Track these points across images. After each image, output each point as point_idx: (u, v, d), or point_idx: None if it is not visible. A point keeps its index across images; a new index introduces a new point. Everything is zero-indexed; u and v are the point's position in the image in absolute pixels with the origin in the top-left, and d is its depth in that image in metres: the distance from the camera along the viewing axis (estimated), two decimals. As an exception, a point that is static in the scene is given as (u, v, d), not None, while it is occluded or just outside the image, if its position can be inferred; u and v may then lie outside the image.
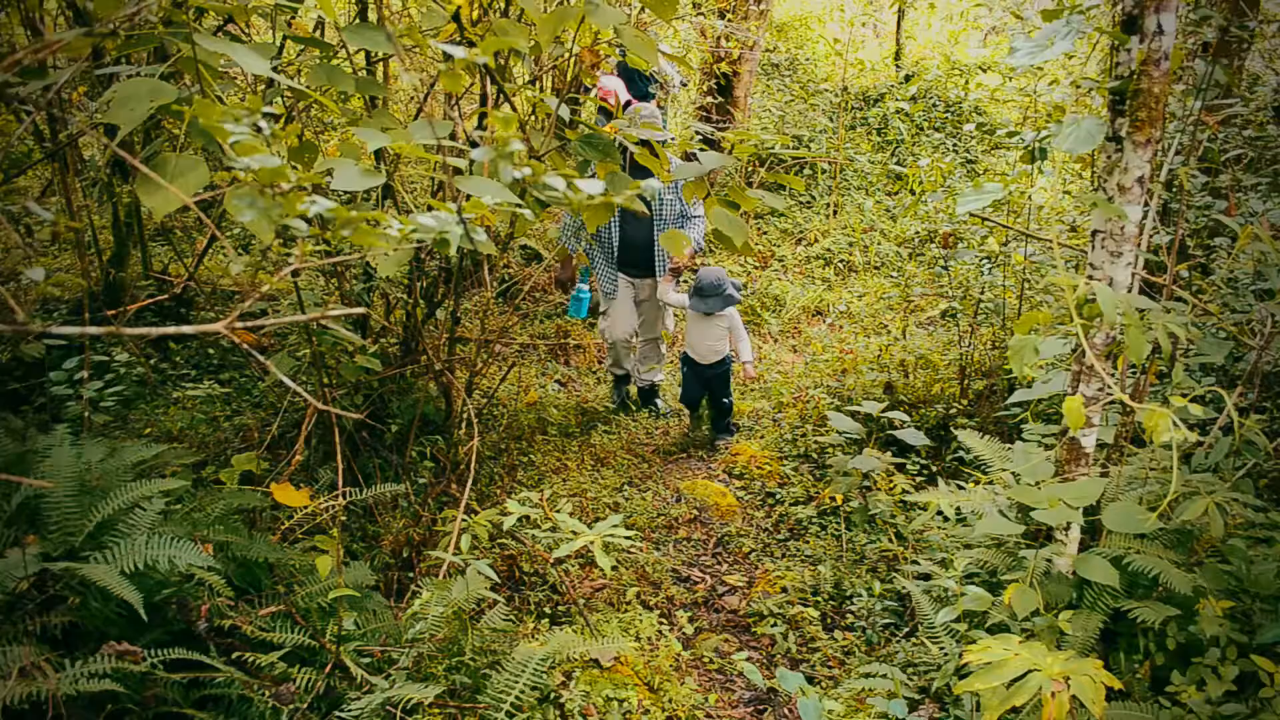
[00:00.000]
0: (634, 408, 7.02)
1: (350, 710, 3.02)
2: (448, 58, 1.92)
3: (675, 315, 7.64)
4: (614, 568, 4.14)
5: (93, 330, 1.40)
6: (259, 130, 1.55)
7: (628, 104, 7.53)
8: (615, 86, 7.43)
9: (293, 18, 4.44)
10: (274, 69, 2.67)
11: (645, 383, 6.96)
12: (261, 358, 1.51)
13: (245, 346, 1.45)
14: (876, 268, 9.53)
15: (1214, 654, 3.07)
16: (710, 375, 6.36)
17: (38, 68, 2.19)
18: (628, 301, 6.60)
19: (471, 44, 3.15)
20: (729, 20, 9.94)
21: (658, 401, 7.05)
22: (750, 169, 10.21)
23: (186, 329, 1.34)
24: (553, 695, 3.42)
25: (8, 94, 2.65)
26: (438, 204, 1.75)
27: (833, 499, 5.30)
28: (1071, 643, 3.18)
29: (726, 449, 6.37)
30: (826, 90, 12.16)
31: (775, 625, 4.47)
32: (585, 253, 6.48)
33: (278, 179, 1.43)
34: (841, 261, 9.62)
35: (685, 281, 7.33)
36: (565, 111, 3.25)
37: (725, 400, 6.48)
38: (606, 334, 6.66)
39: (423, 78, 5.79)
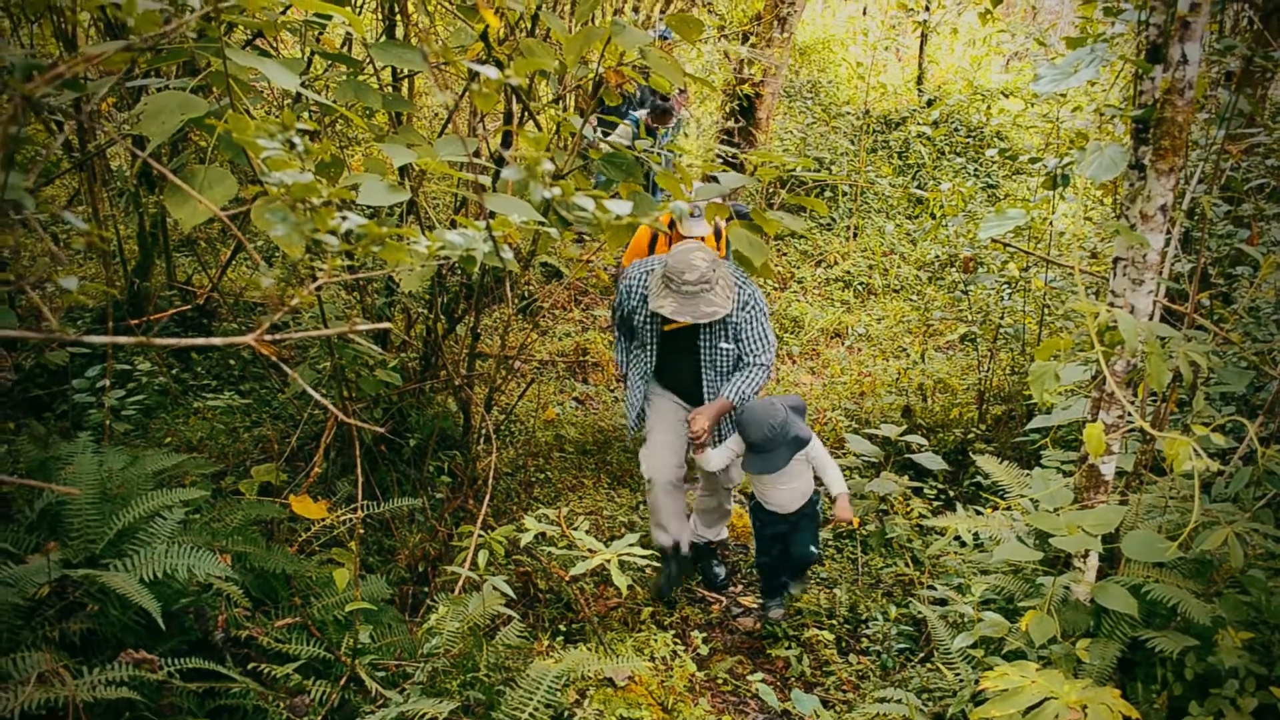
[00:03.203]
0: (679, 589, 5.08)
1: (364, 723, 3.03)
2: (474, 76, 1.94)
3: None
4: (629, 587, 4.13)
5: (122, 339, 1.42)
6: (292, 146, 1.57)
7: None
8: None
9: (321, 33, 4.48)
10: (302, 84, 2.70)
11: (701, 538, 5.25)
12: (289, 370, 1.52)
13: (274, 358, 1.47)
14: (896, 291, 9.53)
15: (1233, 685, 3.04)
16: (793, 522, 4.56)
17: (73, 80, 2.22)
18: (674, 427, 4.83)
19: (499, 63, 3.18)
20: (752, 43, 9.98)
21: (718, 568, 5.28)
22: (771, 191, 10.23)
23: (215, 340, 1.36)
24: (566, 713, 3.42)
25: (41, 104, 2.67)
26: (463, 220, 1.77)
27: (849, 522, 5.30)
28: (1089, 671, 3.16)
29: (782, 615, 4.75)
30: (848, 113, 12.19)
31: (790, 648, 4.45)
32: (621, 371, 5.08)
33: (309, 194, 1.45)
34: (861, 284, 9.62)
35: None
36: (589, 131, 3.27)
37: (813, 551, 4.60)
38: (645, 469, 4.82)
39: (450, 95, 5.84)
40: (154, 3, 1.76)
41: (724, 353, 4.60)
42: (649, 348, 4.73)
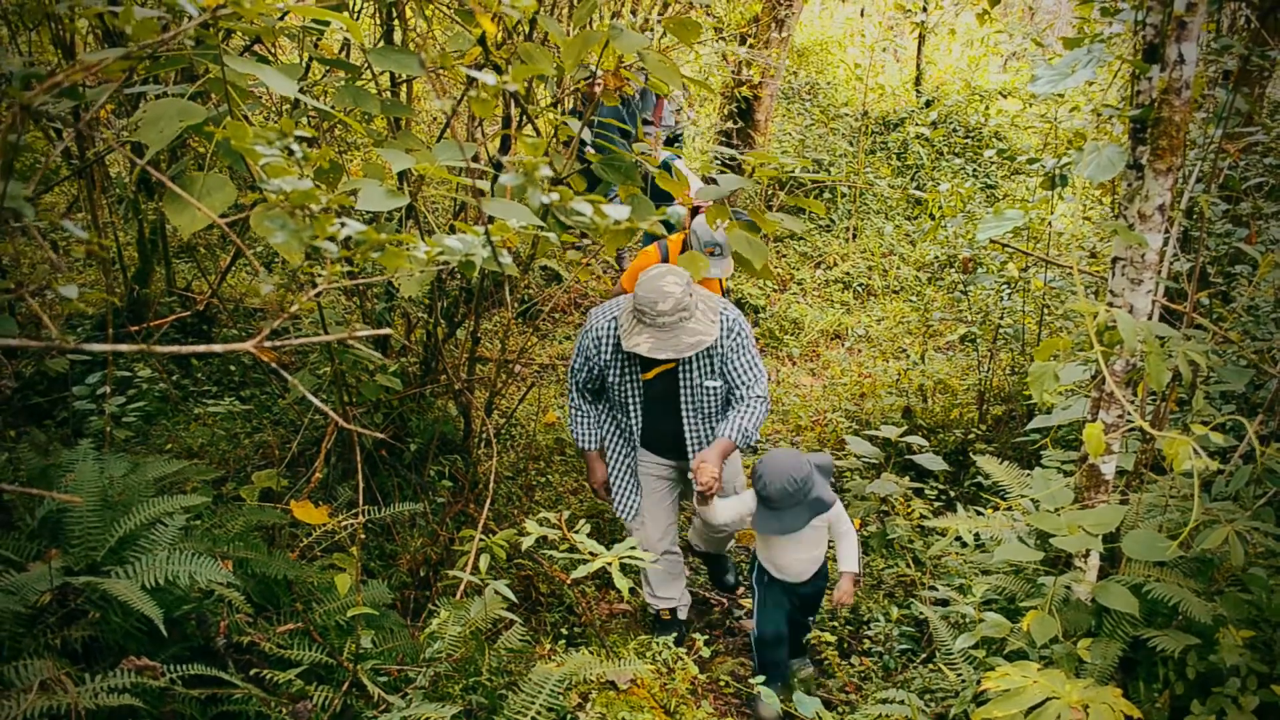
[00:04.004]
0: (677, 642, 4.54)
1: (367, 728, 3.03)
2: (471, 81, 1.95)
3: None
4: (631, 590, 4.13)
5: (123, 347, 1.42)
6: (291, 153, 1.58)
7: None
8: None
9: (319, 39, 4.48)
10: (300, 90, 2.71)
11: (709, 547, 4.91)
12: (288, 375, 1.53)
13: (274, 365, 1.47)
14: (895, 292, 9.53)
15: (1234, 684, 3.04)
16: (805, 595, 4.16)
17: (72, 88, 2.22)
18: (664, 493, 4.39)
19: (497, 67, 3.18)
20: (750, 45, 9.99)
21: (728, 577, 5.08)
22: (770, 192, 10.24)
23: (216, 347, 1.36)
24: (569, 717, 3.41)
25: (40, 112, 2.69)
26: (462, 225, 1.78)
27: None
28: (1090, 671, 3.16)
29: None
30: (847, 115, 12.19)
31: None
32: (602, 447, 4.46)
33: (309, 201, 1.45)
34: (860, 285, 9.62)
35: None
36: (587, 134, 3.28)
37: (810, 619, 4.29)
38: (637, 539, 4.17)
39: (448, 101, 5.84)
40: (151, 10, 1.77)
41: (709, 393, 4.05)
42: (631, 407, 4.13)
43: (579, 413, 4.34)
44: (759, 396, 4.01)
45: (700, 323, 3.81)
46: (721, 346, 3.97)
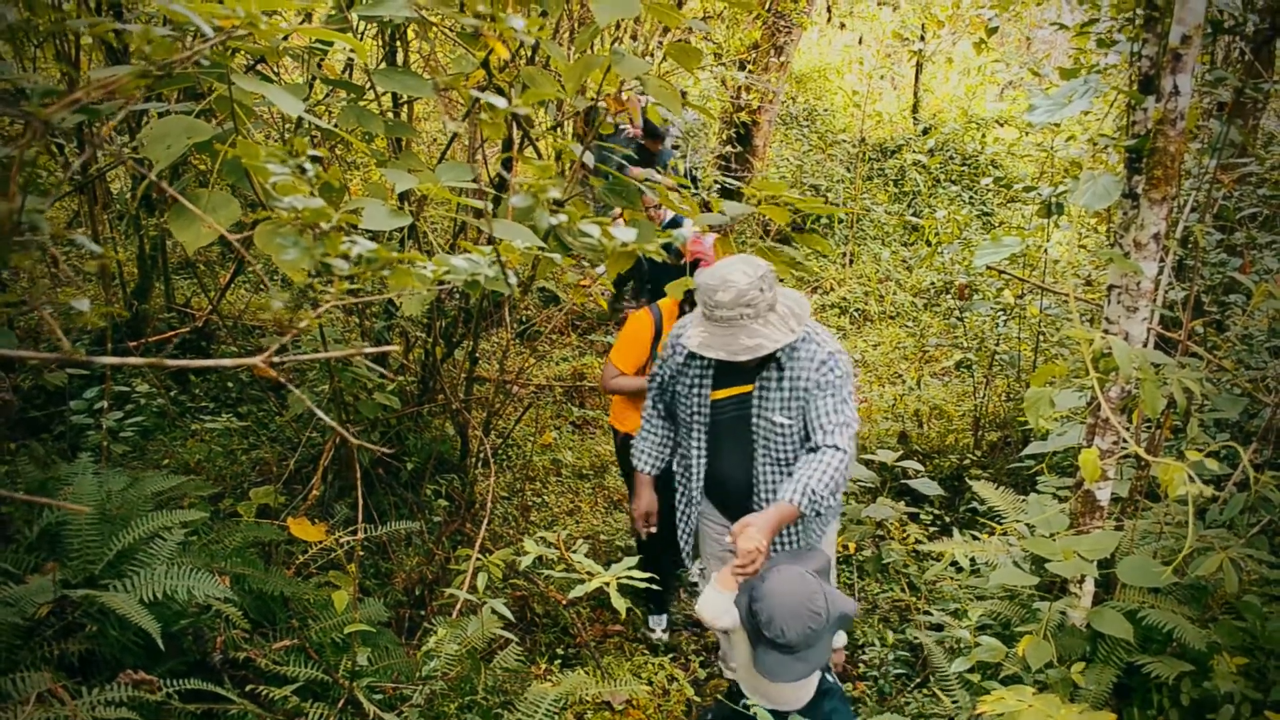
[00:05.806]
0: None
1: (362, 746, 3.03)
2: (475, 103, 1.97)
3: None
4: (628, 610, 4.11)
5: (132, 360, 1.44)
6: (303, 171, 1.60)
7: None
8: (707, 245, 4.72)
9: (323, 59, 4.51)
10: (305, 109, 2.73)
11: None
12: (294, 390, 1.55)
13: (281, 380, 1.49)
14: (892, 318, 9.56)
15: (1228, 710, 3.05)
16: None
17: (87, 104, 2.24)
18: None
19: (500, 90, 3.22)
20: (750, 71, 10.05)
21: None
22: (768, 220, 10.28)
23: (225, 362, 1.38)
24: (563, 736, 3.42)
25: (52, 127, 2.71)
26: (468, 245, 1.80)
27: (845, 547, 5.29)
28: (1085, 696, 3.17)
29: None
30: (844, 141, 12.25)
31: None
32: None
33: (320, 219, 1.48)
34: (857, 311, 9.65)
35: None
36: (590, 158, 3.30)
37: None
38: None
39: (455, 123, 5.87)
40: (164, 30, 1.79)
41: (780, 431, 3.29)
42: (696, 432, 3.43)
43: (648, 426, 3.71)
44: (836, 448, 3.14)
45: (770, 326, 3.10)
46: (805, 375, 3.23)
